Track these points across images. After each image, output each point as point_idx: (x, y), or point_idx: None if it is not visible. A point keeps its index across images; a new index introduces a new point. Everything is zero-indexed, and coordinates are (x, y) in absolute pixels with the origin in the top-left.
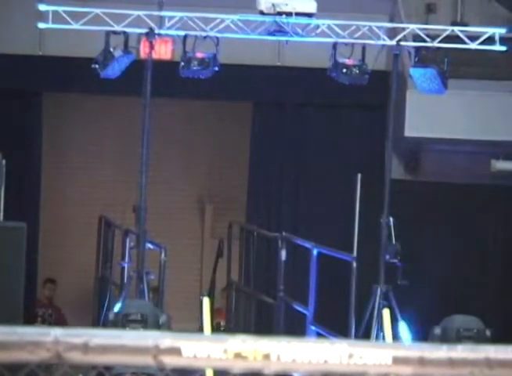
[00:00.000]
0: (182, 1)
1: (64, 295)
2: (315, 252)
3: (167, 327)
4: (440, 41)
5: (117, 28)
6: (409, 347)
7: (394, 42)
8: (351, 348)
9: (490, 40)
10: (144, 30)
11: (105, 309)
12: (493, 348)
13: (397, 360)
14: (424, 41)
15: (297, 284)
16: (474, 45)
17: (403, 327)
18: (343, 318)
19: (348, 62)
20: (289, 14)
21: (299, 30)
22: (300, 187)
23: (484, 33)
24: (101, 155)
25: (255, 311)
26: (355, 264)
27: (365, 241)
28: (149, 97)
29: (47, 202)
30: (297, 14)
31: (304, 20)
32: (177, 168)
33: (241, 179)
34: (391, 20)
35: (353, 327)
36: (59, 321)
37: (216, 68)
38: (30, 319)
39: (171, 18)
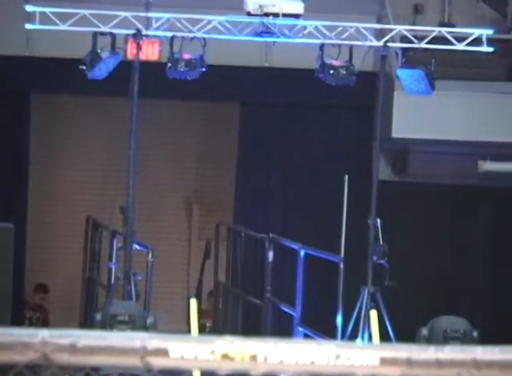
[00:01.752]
0: (169, 3)
1: (51, 296)
2: (302, 253)
3: (154, 328)
4: (427, 43)
5: (104, 29)
6: (397, 348)
7: (381, 43)
8: (339, 349)
9: (477, 41)
10: (131, 31)
11: (92, 309)
12: (481, 349)
13: (384, 361)
14: (412, 42)
15: (285, 285)
16: (461, 46)
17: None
18: (330, 319)
19: (336, 63)
20: (276, 15)
21: (286, 31)
22: (287, 188)
23: (472, 34)
24: (89, 156)
25: (242, 312)
26: (342, 265)
27: (353, 242)
28: (136, 98)
29: (35, 203)
30: (284, 15)
31: (291, 21)
32: (164, 169)
33: (228, 180)
34: (379, 21)
35: (340, 328)
36: (46, 323)
37: (203, 69)
38: (17, 321)
39: (158, 19)
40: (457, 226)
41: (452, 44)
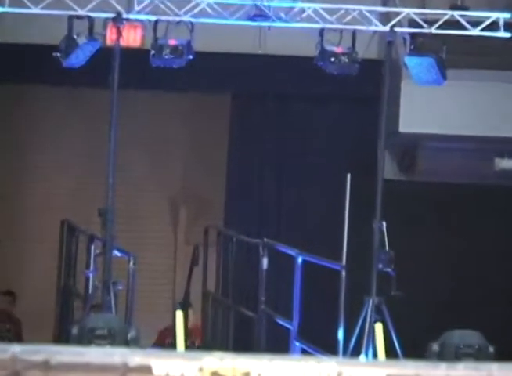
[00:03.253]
0: None
1: (23, 307)
2: (299, 260)
3: (136, 343)
4: (438, 27)
5: (80, 12)
6: (404, 365)
7: (387, 28)
8: (340, 367)
9: (493, 26)
10: (111, 15)
11: (68, 322)
12: (496, 367)
13: None
14: (421, 26)
15: (281, 296)
16: (475, 32)
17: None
18: (331, 333)
19: (337, 50)
20: None
21: (282, 15)
22: (283, 188)
23: (487, 18)
24: (63, 153)
25: (234, 325)
26: (344, 273)
27: (356, 248)
28: (116, 89)
29: (3, 206)
30: None
31: (287, 4)
32: (148, 167)
33: (218, 179)
34: (384, 4)
35: (342, 342)
36: (19, 337)
37: (190, 56)
38: None
39: (140, 1)
40: (471, 230)
41: (465, 29)
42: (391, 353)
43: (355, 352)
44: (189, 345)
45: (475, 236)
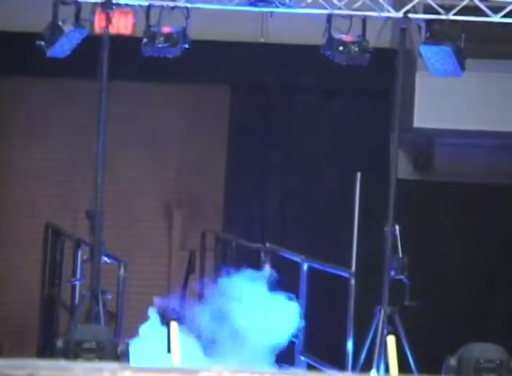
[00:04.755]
0: None
1: (3, 318)
2: (305, 267)
3: (126, 357)
4: (456, 13)
5: None
6: None
7: (400, 14)
8: None
9: None
10: (99, 0)
11: (52, 335)
12: None
13: None
14: (437, 12)
15: None
16: (497, 18)
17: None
18: (339, 346)
19: (346, 38)
20: None
21: (286, 0)
22: (287, 189)
23: (510, 3)
24: (48, 150)
25: None
26: (353, 281)
27: (366, 254)
28: (105, 80)
29: None
30: None
31: None
32: (140, 166)
33: (217, 179)
34: None
35: (351, 356)
36: None
37: (186, 45)
38: None
39: None
40: (493, 235)
41: (485, 15)
42: (404, 368)
43: (366, 367)
44: None
45: (497, 241)
